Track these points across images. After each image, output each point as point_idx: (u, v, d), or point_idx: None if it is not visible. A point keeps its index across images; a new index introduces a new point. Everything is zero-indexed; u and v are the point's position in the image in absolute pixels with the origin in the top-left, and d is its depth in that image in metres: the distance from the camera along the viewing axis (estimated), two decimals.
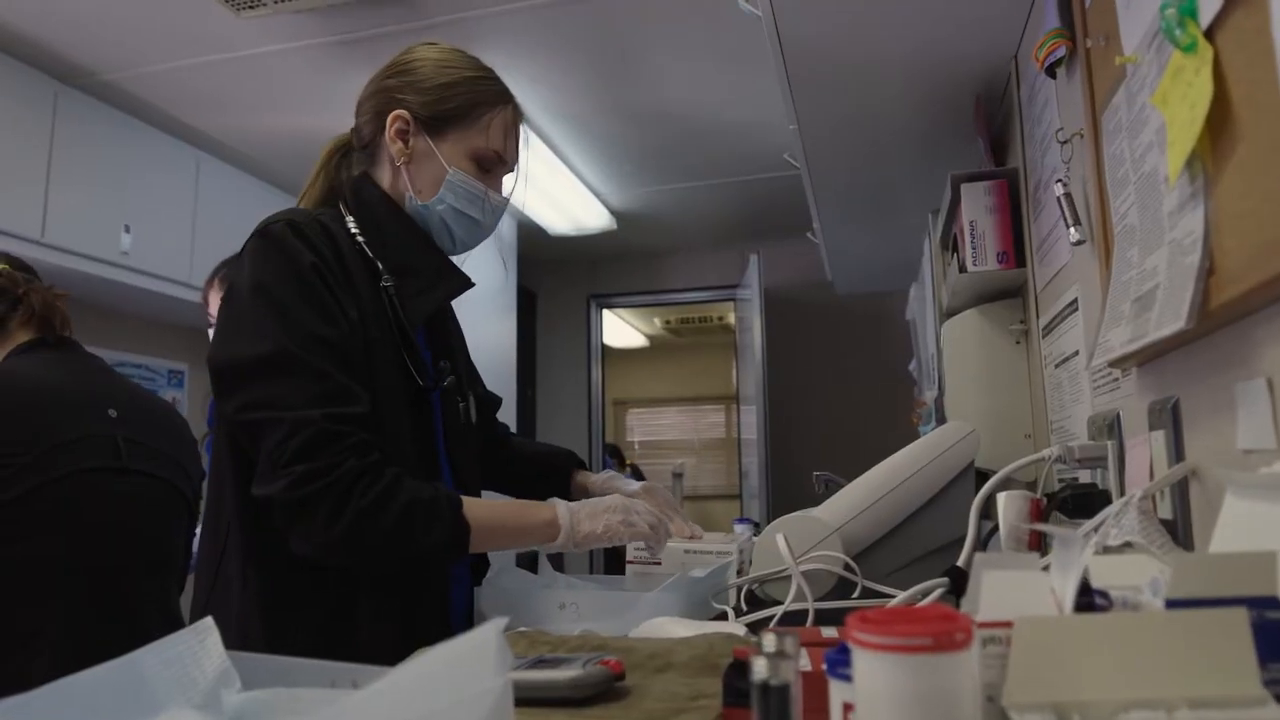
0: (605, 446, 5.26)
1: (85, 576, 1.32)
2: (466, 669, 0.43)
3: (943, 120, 1.79)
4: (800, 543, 1.11)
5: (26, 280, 1.49)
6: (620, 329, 6.83)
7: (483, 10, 2.34)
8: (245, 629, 0.99)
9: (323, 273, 1.01)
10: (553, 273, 5.12)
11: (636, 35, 2.54)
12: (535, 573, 1.27)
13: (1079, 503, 1.00)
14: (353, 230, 1.11)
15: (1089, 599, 0.54)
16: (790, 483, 4.27)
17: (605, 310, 5.35)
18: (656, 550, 1.12)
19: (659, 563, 1.24)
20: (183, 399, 3.53)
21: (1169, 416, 0.79)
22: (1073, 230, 1.02)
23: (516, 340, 4.08)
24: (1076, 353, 1.16)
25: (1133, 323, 0.77)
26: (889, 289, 3.64)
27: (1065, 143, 1.07)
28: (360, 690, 0.51)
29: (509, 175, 1.21)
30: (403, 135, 1.13)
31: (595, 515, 1.07)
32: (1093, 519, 0.82)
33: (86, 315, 3.04)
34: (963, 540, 1.14)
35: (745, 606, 1.12)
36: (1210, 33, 0.62)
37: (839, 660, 0.49)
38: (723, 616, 1.06)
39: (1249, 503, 0.57)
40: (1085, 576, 0.53)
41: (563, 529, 1.05)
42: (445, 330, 1.23)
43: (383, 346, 1.06)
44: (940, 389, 1.89)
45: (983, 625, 0.48)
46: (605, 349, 5.31)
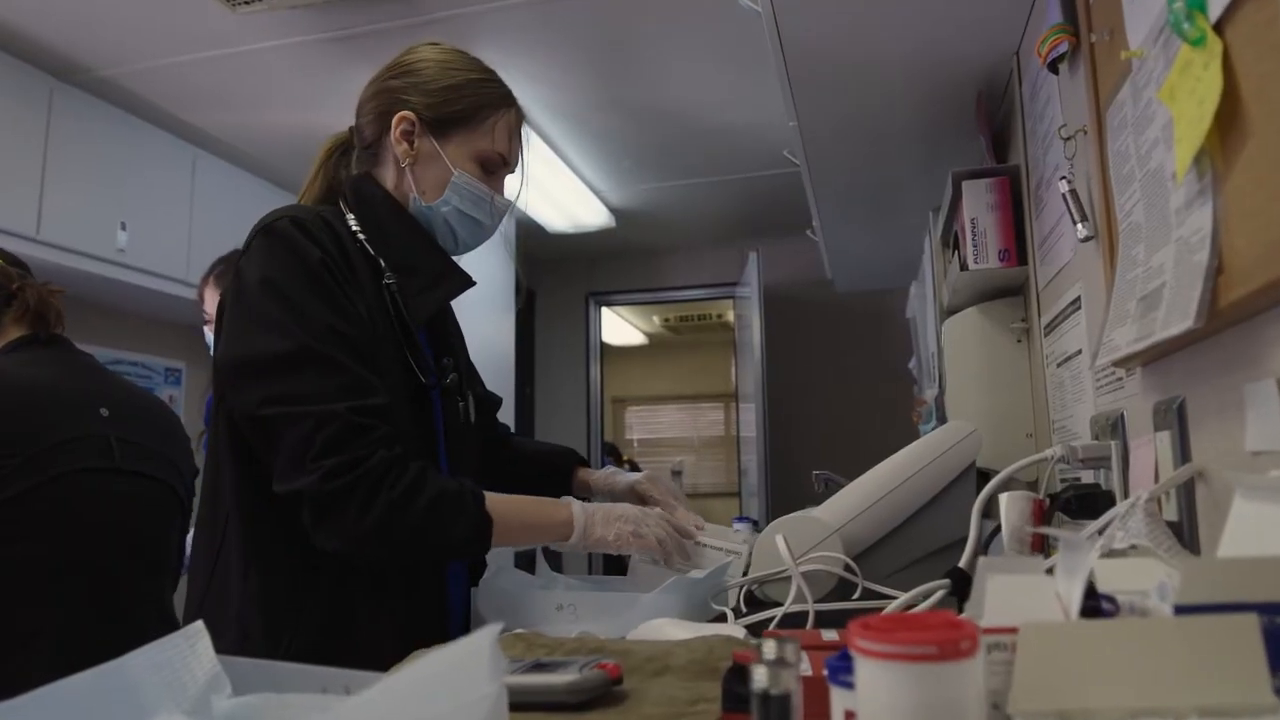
0: (603, 445, 5.25)
1: (81, 577, 1.31)
2: (461, 675, 0.42)
3: (943, 117, 1.78)
4: (800, 543, 1.10)
5: (20, 276, 1.48)
6: (619, 327, 6.82)
7: (480, 6, 2.33)
8: (245, 627, 0.98)
9: (331, 268, 1.01)
10: (551, 271, 5.10)
11: (635, 32, 2.53)
12: (533, 572, 1.26)
13: (1082, 503, 0.98)
14: (354, 228, 1.10)
15: (1095, 603, 0.53)
16: (789, 481, 4.26)
17: (604, 308, 5.34)
18: (665, 563, 1.13)
19: (660, 562, 1.23)
20: (180, 397, 3.51)
21: (1175, 417, 0.78)
22: (1080, 226, 1.01)
23: (515, 338, 4.07)
24: (1079, 351, 1.15)
25: (1139, 322, 0.76)
26: (889, 287, 3.63)
27: (1069, 139, 1.06)
28: (353, 697, 0.50)
29: (510, 176, 1.21)
30: (408, 137, 1.13)
31: (609, 521, 1.09)
32: (1097, 520, 0.81)
33: (83, 313, 3.03)
34: (964, 541, 1.13)
35: (745, 608, 1.11)
36: (1219, 26, 0.61)
37: (841, 667, 0.48)
38: (722, 618, 1.05)
39: (1258, 505, 0.56)
40: (1091, 580, 0.52)
41: (576, 529, 1.07)
42: (445, 329, 1.23)
43: (386, 344, 1.06)
44: (941, 388, 1.87)
45: (988, 631, 0.47)
46: (604, 347, 5.30)
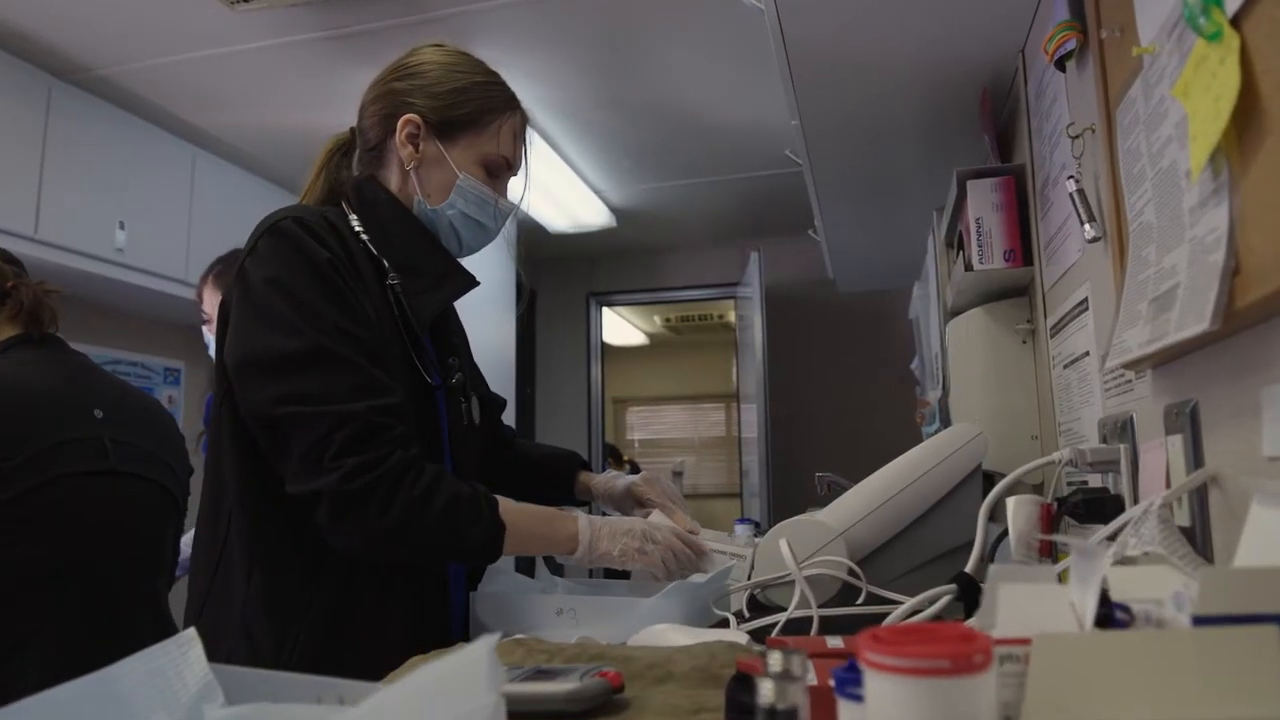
0: (603, 446, 5.24)
1: (77, 581, 1.30)
2: (458, 686, 0.41)
3: (946, 116, 1.76)
4: (803, 547, 1.09)
5: (15, 274, 1.46)
6: (620, 327, 6.81)
7: (480, 4, 2.32)
8: (248, 627, 0.98)
9: (338, 268, 1.01)
10: (552, 271, 5.09)
11: (636, 30, 2.52)
12: (533, 575, 1.25)
13: (1090, 508, 0.97)
14: (357, 229, 1.10)
15: (1108, 613, 0.52)
16: (791, 482, 4.25)
17: (605, 308, 5.33)
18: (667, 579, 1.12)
19: None
20: (179, 397, 3.50)
21: (1187, 420, 0.77)
22: (1087, 227, 0.99)
23: (516, 339, 4.06)
24: (1087, 353, 1.13)
25: (1151, 323, 0.74)
26: (891, 287, 3.61)
27: (1076, 138, 1.05)
28: (348, 709, 0.49)
29: (513, 179, 1.22)
30: (413, 140, 1.12)
31: (615, 536, 1.09)
32: (1107, 526, 0.79)
33: (81, 313, 3.02)
34: (969, 545, 1.11)
35: (747, 613, 1.10)
36: (1236, 20, 0.60)
37: (849, 679, 0.47)
38: (724, 623, 1.04)
39: (1277, 513, 0.55)
40: (1104, 589, 0.51)
41: (581, 544, 1.08)
42: (448, 330, 1.22)
43: (392, 344, 1.05)
44: (945, 389, 1.86)
45: (1000, 642, 0.46)
46: (605, 347, 5.29)
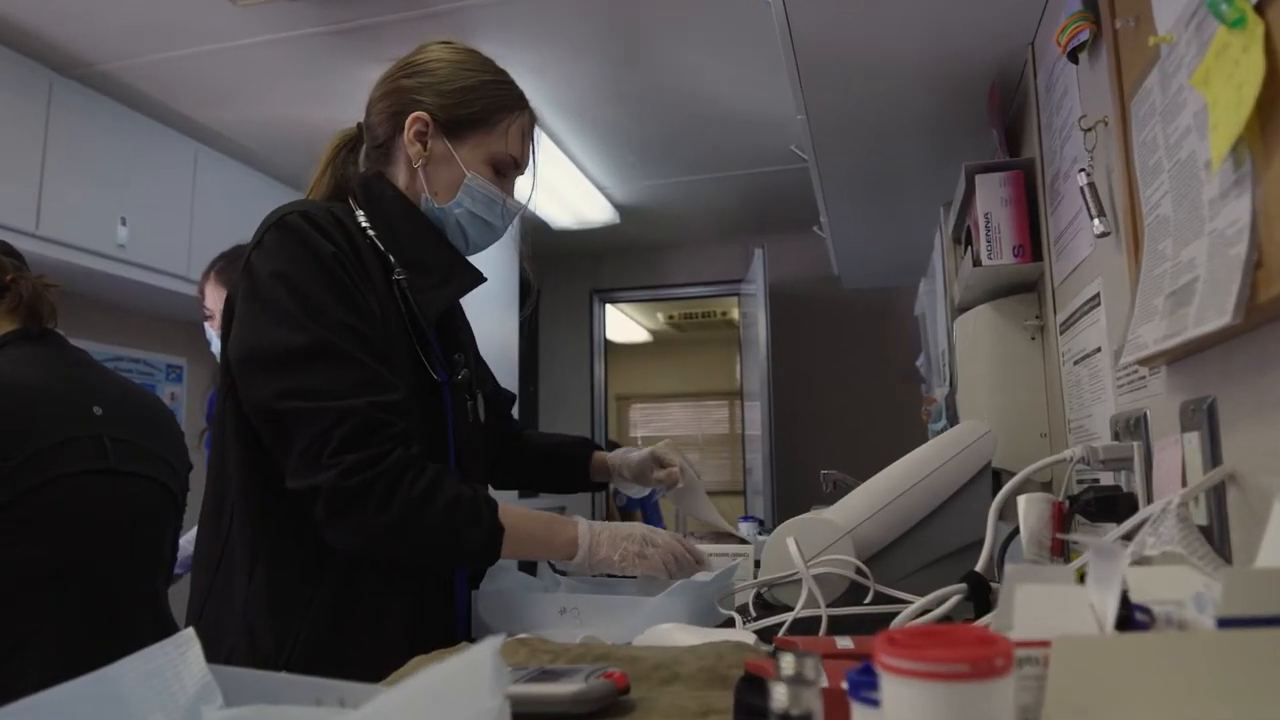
0: (606, 443, 5.23)
1: (76, 581, 1.29)
2: (461, 689, 0.40)
3: (954, 110, 1.74)
4: (810, 545, 1.08)
5: (15, 267, 1.45)
6: (623, 324, 6.79)
7: None
8: (250, 623, 0.97)
9: (344, 263, 1.00)
10: (555, 267, 5.08)
11: (640, 25, 2.50)
12: (534, 574, 1.24)
13: (1103, 506, 0.95)
14: (364, 224, 1.09)
15: (1128, 614, 0.51)
16: (795, 479, 4.24)
17: (608, 305, 5.32)
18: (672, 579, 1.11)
19: None
20: (181, 394, 3.50)
21: (1204, 417, 0.75)
22: (1097, 222, 0.98)
23: (519, 335, 4.05)
24: (1098, 349, 1.12)
25: (1168, 318, 0.73)
26: (896, 284, 3.60)
27: (1089, 130, 1.03)
28: (349, 712, 0.48)
29: (520, 178, 1.22)
30: (421, 137, 1.12)
31: (615, 541, 1.09)
32: (1123, 525, 0.78)
33: (83, 309, 3.01)
34: (979, 544, 1.10)
35: (754, 612, 1.09)
36: (1260, 7, 0.58)
37: (863, 682, 0.46)
38: (730, 623, 1.02)
39: None
40: (1124, 590, 0.50)
41: (581, 548, 1.07)
42: (454, 327, 1.22)
43: (398, 340, 1.05)
44: (952, 386, 1.84)
45: (1018, 645, 0.44)
46: (608, 344, 5.28)
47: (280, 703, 0.55)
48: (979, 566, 0.96)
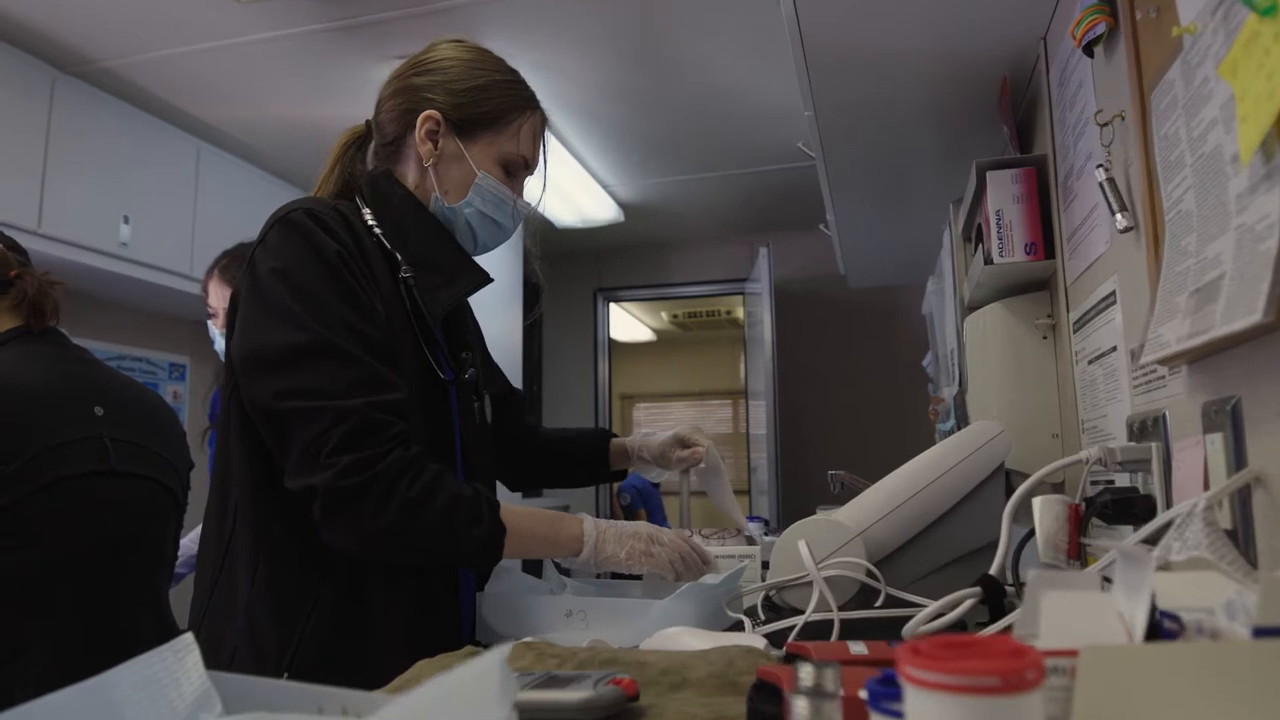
0: None
1: (76, 584, 1.27)
2: (469, 699, 0.39)
3: (964, 107, 1.72)
4: (820, 547, 1.06)
5: (20, 263, 1.44)
6: (627, 323, 6.78)
7: None
8: (253, 624, 0.96)
9: (348, 261, 0.99)
10: (559, 266, 5.06)
11: (645, 21, 2.48)
12: (539, 575, 1.22)
13: (1120, 508, 0.93)
14: (370, 222, 1.08)
15: (1155, 621, 0.49)
16: (800, 479, 4.22)
17: (612, 304, 5.30)
18: (679, 579, 1.10)
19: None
20: (184, 392, 3.49)
21: (1228, 418, 0.73)
22: (1119, 217, 0.96)
23: (523, 334, 4.04)
24: (1114, 348, 1.10)
25: (1192, 316, 0.71)
26: (903, 282, 3.58)
27: (1106, 125, 1.01)
28: None
29: (529, 178, 1.21)
30: (432, 136, 1.11)
31: (620, 539, 1.08)
32: (1143, 527, 0.76)
33: (85, 308, 3.00)
34: (991, 547, 1.08)
35: (763, 615, 1.07)
36: None
37: (884, 693, 0.44)
38: (739, 626, 1.01)
39: None
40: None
41: (587, 546, 1.05)
42: (462, 326, 1.21)
43: (403, 339, 1.04)
44: (961, 386, 1.82)
45: (1046, 654, 0.43)
46: (612, 343, 5.26)
47: (281, 710, 0.54)
48: (993, 570, 0.94)
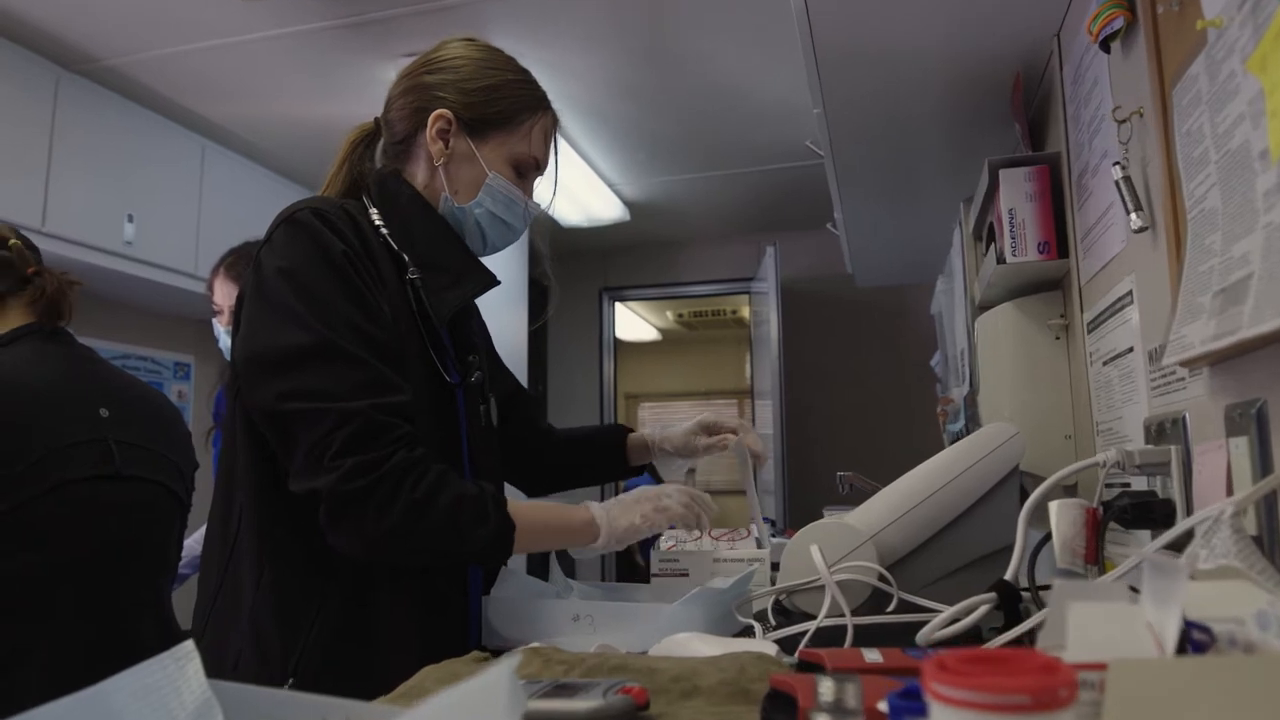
0: None
1: (79, 587, 1.26)
2: (476, 712, 0.37)
3: (975, 104, 1.70)
4: (831, 551, 1.04)
5: (35, 261, 1.43)
6: (632, 322, 6.77)
7: None
8: (258, 629, 0.95)
9: (354, 262, 0.98)
10: (565, 265, 5.05)
11: (652, 19, 2.47)
12: (545, 578, 1.21)
13: (1139, 513, 0.92)
14: (377, 222, 1.07)
15: (1184, 632, 0.47)
16: (807, 479, 4.20)
17: (618, 303, 5.29)
18: (700, 527, 1.12)
19: (686, 573, 1.18)
20: (189, 392, 3.48)
21: (1253, 421, 0.71)
22: (1134, 216, 0.94)
23: (528, 334, 4.02)
24: (1130, 349, 1.08)
25: (1217, 317, 0.69)
26: (911, 281, 3.56)
27: (1123, 122, 0.99)
28: None
29: (539, 179, 1.20)
30: (444, 135, 1.10)
31: (628, 509, 1.07)
32: (1165, 534, 0.74)
33: (90, 307, 2.99)
34: (1006, 551, 1.06)
35: (773, 620, 1.05)
36: None
37: (906, 707, 0.43)
38: (749, 631, 0.99)
39: None
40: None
41: (601, 527, 1.04)
42: (468, 328, 1.19)
43: (409, 341, 1.03)
44: (973, 386, 1.81)
45: (1076, 669, 0.41)
46: (617, 342, 5.25)
47: None
48: (1008, 575, 0.93)
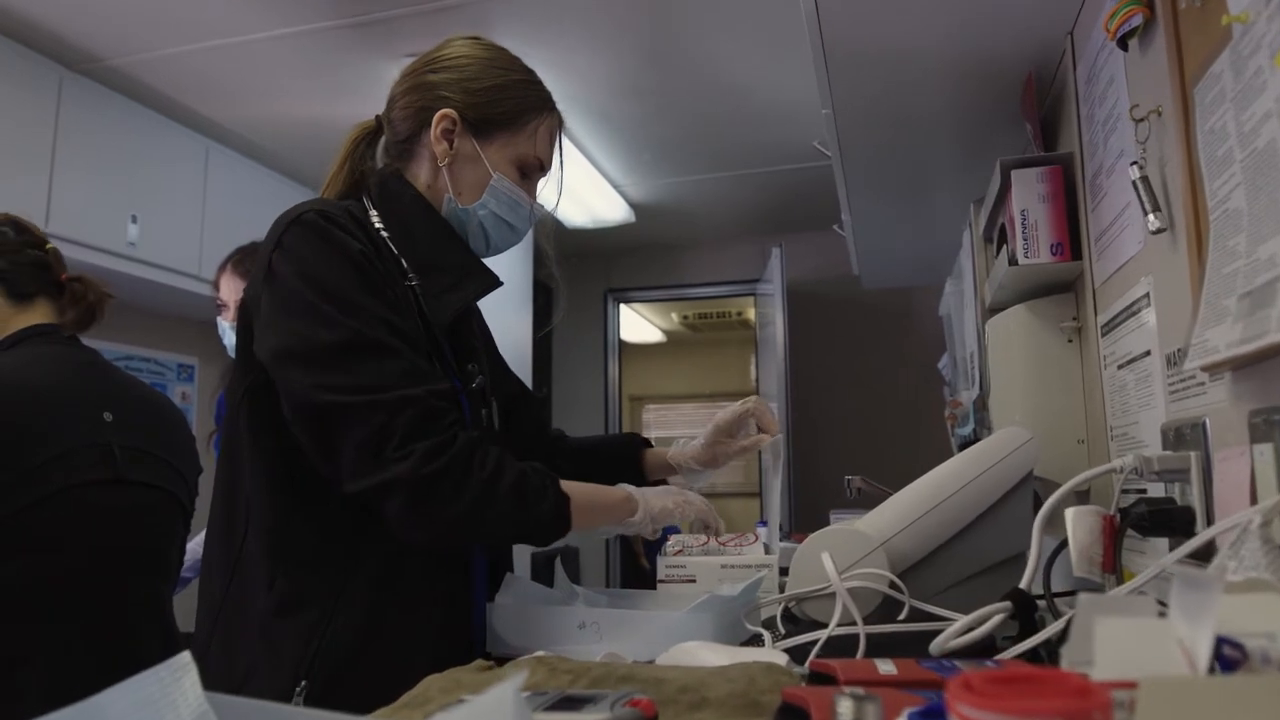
0: None
1: (79, 593, 1.25)
2: None
3: (985, 104, 1.68)
4: (841, 558, 1.02)
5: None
6: (637, 324, 6.75)
7: None
8: (271, 637, 0.94)
9: (370, 259, 0.98)
10: (569, 267, 5.03)
11: (658, 18, 2.45)
12: (550, 584, 1.19)
13: (1157, 520, 0.89)
14: (377, 225, 1.06)
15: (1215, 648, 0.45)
16: (812, 483, 4.18)
17: (622, 305, 5.27)
18: (715, 530, 1.18)
19: (693, 579, 1.17)
20: (192, 393, 3.47)
21: (1279, 428, 0.69)
22: (1151, 218, 0.92)
23: (532, 336, 4.01)
24: (1147, 353, 1.06)
25: (1244, 321, 0.67)
26: (918, 283, 3.54)
27: (1141, 121, 0.97)
28: None
29: (542, 180, 1.19)
30: (448, 135, 1.09)
31: (660, 496, 1.11)
32: (1187, 544, 0.72)
33: None
34: (1018, 558, 1.04)
35: (781, 628, 1.03)
36: None
37: None
38: (758, 639, 0.97)
39: None
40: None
41: (639, 505, 1.08)
42: (469, 332, 1.18)
43: (417, 343, 1.02)
44: (982, 389, 1.79)
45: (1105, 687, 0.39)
46: (622, 344, 5.24)
47: None
48: (1023, 583, 0.91)
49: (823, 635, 0.91)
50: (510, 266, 3.45)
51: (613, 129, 3.26)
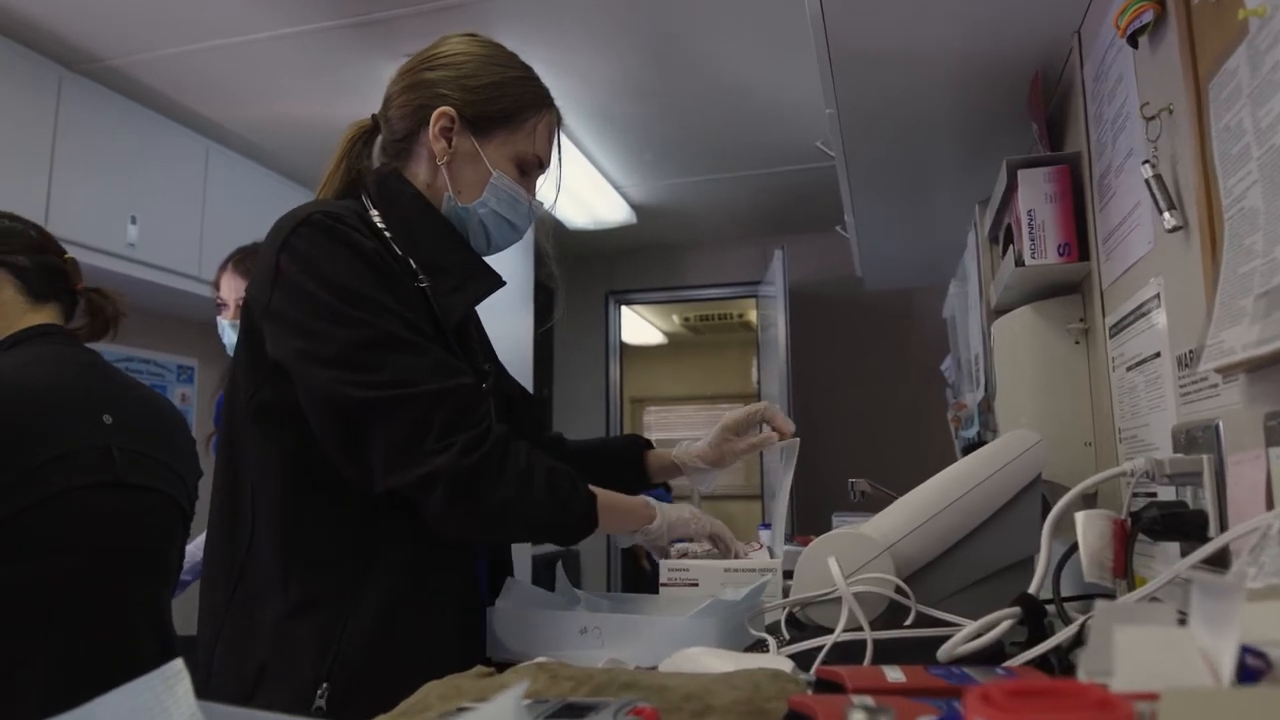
0: None
1: (78, 597, 1.23)
2: None
3: (991, 103, 1.67)
4: (847, 562, 1.01)
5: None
6: (638, 326, 6.74)
7: None
8: (284, 635, 0.93)
9: (384, 258, 0.97)
10: (570, 269, 5.02)
11: (659, 18, 2.44)
12: (552, 588, 1.18)
13: (1169, 524, 0.88)
14: (380, 224, 1.05)
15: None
16: (814, 485, 4.16)
17: (624, 307, 5.26)
18: (734, 554, 1.18)
19: (696, 583, 1.15)
20: (192, 395, 3.46)
21: None
22: (1167, 215, 0.90)
23: (533, 338, 4.00)
24: (1157, 354, 1.04)
25: (1261, 321, 0.65)
26: (921, 285, 3.52)
27: (1152, 119, 0.96)
28: None
29: (541, 177, 1.19)
30: (446, 134, 1.08)
31: (674, 508, 1.13)
32: (1202, 549, 0.71)
33: None
34: (1027, 563, 1.03)
35: (786, 633, 1.02)
36: None
37: None
38: (762, 644, 0.96)
39: None
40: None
41: (657, 512, 1.10)
42: (468, 333, 1.17)
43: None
44: (987, 391, 1.77)
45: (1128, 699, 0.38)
46: (623, 346, 5.22)
47: None
48: (1032, 588, 0.89)
49: (829, 641, 0.90)
50: (511, 267, 3.43)
51: (614, 130, 3.25)
